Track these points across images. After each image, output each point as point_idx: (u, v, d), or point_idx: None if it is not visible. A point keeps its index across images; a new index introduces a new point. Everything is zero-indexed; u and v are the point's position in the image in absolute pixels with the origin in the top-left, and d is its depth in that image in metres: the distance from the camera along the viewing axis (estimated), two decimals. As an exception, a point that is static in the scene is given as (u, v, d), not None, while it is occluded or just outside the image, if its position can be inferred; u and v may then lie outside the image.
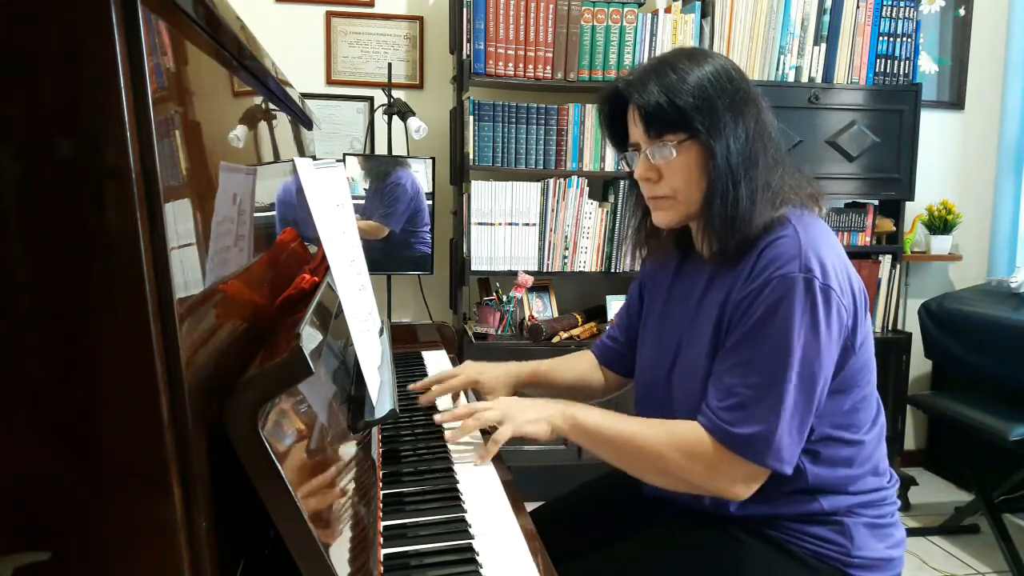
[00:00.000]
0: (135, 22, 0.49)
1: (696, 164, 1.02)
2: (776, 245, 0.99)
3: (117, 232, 0.49)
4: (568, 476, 1.14)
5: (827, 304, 0.95)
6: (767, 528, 1.06)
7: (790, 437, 0.96)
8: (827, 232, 1.03)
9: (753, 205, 1.00)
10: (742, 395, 0.97)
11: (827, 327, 0.96)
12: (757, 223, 1.00)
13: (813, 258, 0.96)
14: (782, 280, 0.96)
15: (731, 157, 0.99)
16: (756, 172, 1.00)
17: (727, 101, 1.00)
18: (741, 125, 1.00)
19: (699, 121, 0.99)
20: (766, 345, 0.96)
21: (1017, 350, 2.28)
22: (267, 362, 0.62)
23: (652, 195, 1.08)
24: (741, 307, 1.00)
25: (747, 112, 1.02)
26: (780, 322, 0.95)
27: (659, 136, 1.02)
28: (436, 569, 0.81)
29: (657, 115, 1.01)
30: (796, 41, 2.72)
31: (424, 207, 2.58)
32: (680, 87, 1.00)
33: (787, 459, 0.97)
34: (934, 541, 2.56)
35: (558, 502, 1.34)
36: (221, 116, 0.76)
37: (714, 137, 0.99)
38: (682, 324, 1.13)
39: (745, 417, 0.96)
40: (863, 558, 1.04)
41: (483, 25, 2.54)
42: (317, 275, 1.00)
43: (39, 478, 0.51)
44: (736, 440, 0.97)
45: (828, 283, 0.95)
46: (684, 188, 1.04)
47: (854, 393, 1.04)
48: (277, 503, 0.59)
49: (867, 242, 2.86)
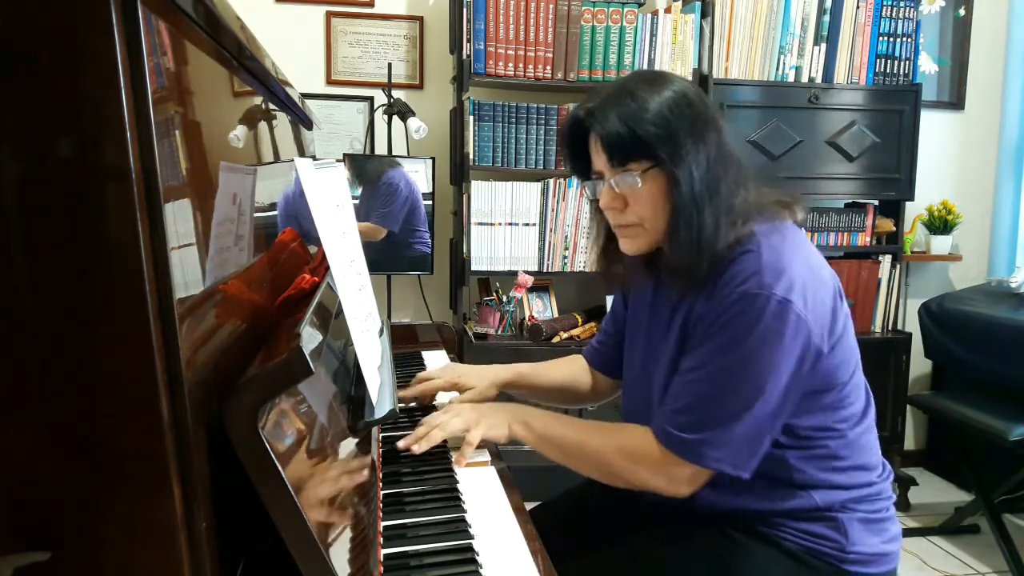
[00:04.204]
0: (135, 22, 0.49)
1: (660, 191, 1.02)
2: (738, 262, 1.00)
3: (117, 232, 0.49)
4: (568, 476, 1.14)
5: (783, 319, 0.96)
6: (762, 526, 1.07)
7: (739, 445, 0.98)
8: (795, 242, 1.03)
9: (717, 230, 1.00)
10: (689, 402, 1.01)
11: (780, 341, 0.96)
12: (721, 244, 1.01)
13: (772, 272, 0.97)
14: (741, 297, 0.97)
15: (694, 184, 1.00)
16: (719, 197, 1.01)
17: (687, 127, 1.00)
18: (703, 150, 1.01)
19: (661, 149, 0.99)
20: (719, 358, 0.99)
21: (1017, 350, 2.28)
22: (267, 362, 0.62)
23: (619, 223, 1.08)
24: (702, 322, 1.02)
25: (708, 137, 1.02)
26: (735, 337, 0.97)
27: (622, 165, 1.03)
28: (436, 569, 0.81)
29: (619, 145, 1.01)
30: (796, 41, 2.72)
31: (421, 205, 2.58)
32: (640, 115, 0.99)
33: (736, 464, 0.99)
34: (934, 541, 2.56)
35: (558, 502, 1.34)
36: (221, 116, 0.76)
37: (677, 164, 0.99)
38: (658, 339, 1.15)
39: (692, 423, 1.00)
40: (858, 553, 1.05)
41: (483, 25, 2.54)
42: (317, 275, 1.00)
43: (39, 478, 0.51)
44: (680, 443, 1.00)
45: (788, 297, 0.96)
46: (651, 216, 1.04)
47: (835, 390, 1.05)
48: (277, 503, 0.59)
49: (867, 242, 2.86)
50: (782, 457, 1.04)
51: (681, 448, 1.00)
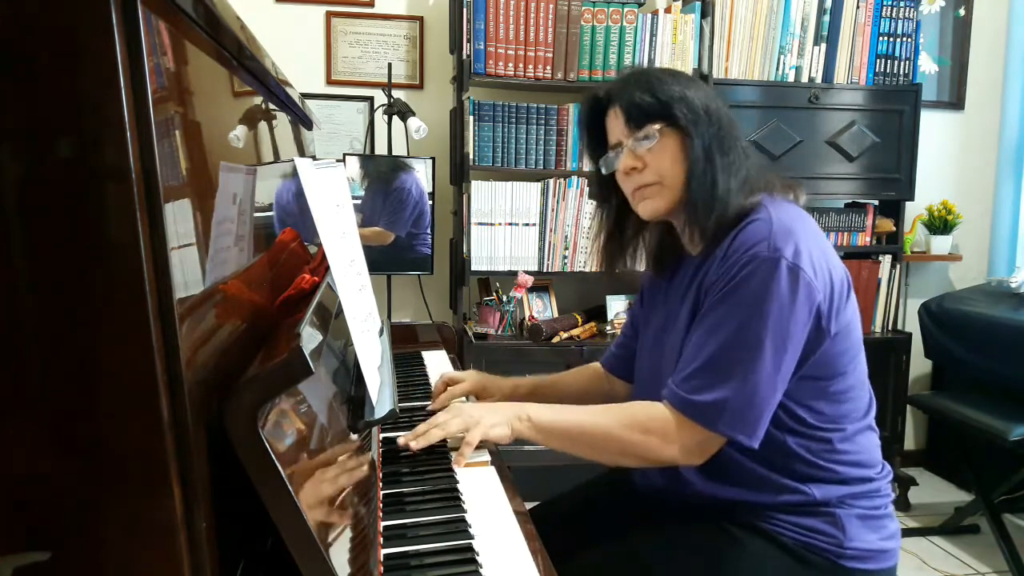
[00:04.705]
0: (135, 22, 0.49)
1: (677, 148, 1.09)
2: (748, 228, 1.03)
3: (117, 232, 0.49)
4: (568, 476, 1.14)
5: (794, 283, 0.98)
6: (760, 520, 1.07)
7: (750, 408, 0.99)
8: (802, 216, 1.07)
9: (729, 186, 1.06)
10: (701, 365, 1.01)
11: (791, 304, 0.98)
12: (733, 204, 1.06)
13: (782, 238, 1.00)
14: (751, 260, 1.00)
15: (709, 142, 1.07)
16: (730, 158, 1.08)
17: (697, 93, 1.10)
18: (713, 115, 1.09)
19: (676, 108, 1.07)
20: (729, 319, 1.00)
21: (1017, 350, 2.28)
22: (267, 362, 0.62)
23: (639, 184, 1.12)
24: (712, 288, 1.04)
25: (714, 104, 1.11)
26: (745, 297, 0.99)
27: (640, 127, 1.09)
28: (436, 569, 0.81)
29: (639, 106, 1.09)
30: (796, 41, 2.72)
31: (427, 209, 2.58)
32: (659, 84, 1.10)
33: (748, 430, 0.99)
34: (934, 541, 2.56)
35: (558, 502, 1.34)
36: (221, 116, 0.76)
37: (691, 123, 1.07)
38: (674, 324, 1.15)
39: (703, 386, 1.00)
40: (856, 549, 1.05)
41: (483, 25, 2.54)
42: (317, 275, 1.00)
43: (39, 478, 0.51)
44: (692, 406, 1.00)
45: (797, 263, 0.98)
46: (670, 171, 1.09)
47: (837, 380, 1.05)
48: (277, 503, 0.59)
49: (867, 242, 2.86)
50: (783, 441, 1.05)
51: (693, 411, 1.00)
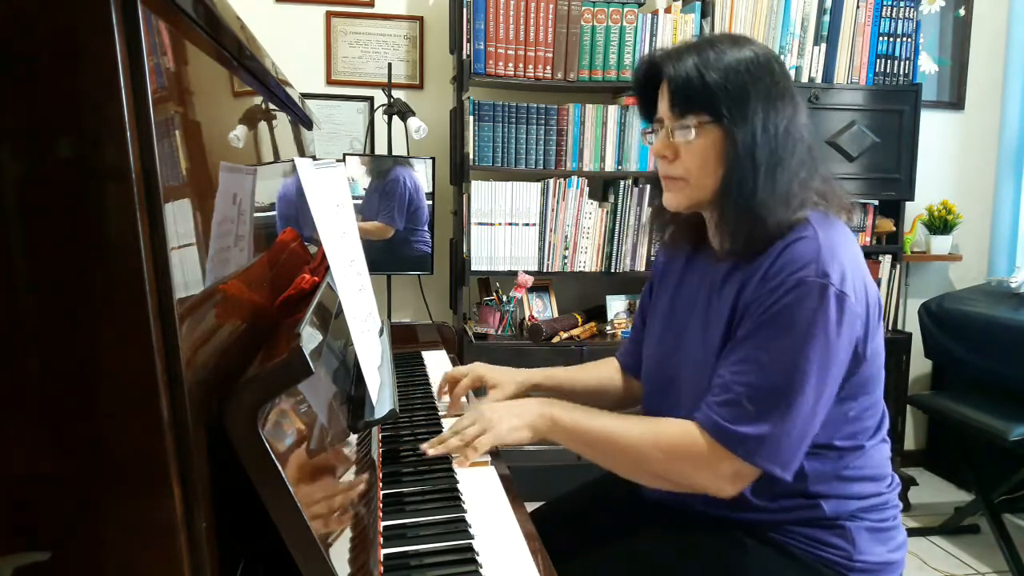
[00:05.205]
0: (135, 22, 0.49)
1: (714, 150, 1.00)
2: (794, 247, 0.97)
3: (117, 232, 0.49)
4: (568, 476, 1.14)
5: (840, 311, 0.94)
6: (769, 531, 1.06)
7: (789, 442, 0.95)
8: (848, 238, 1.02)
9: (769, 202, 0.98)
10: (744, 393, 0.96)
11: (838, 335, 0.94)
12: (771, 221, 0.98)
13: (831, 263, 0.94)
14: (798, 284, 0.94)
15: (754, 149, 0.97)
16: (778, 171, 0.98)
17: (761, 91, 0.98)
18: (772, 119, 0.98)
19: (724, 104, 0.97)
20: (774, 347, 0.95)
21: (1017, 350, 2.28)
22: (267, 362, 0.62)
23: (665, 174, 1.07)
24: (753, 306, 0.98)
25: (781, 108, 0.99)
26: (791, 326, 0.94)
27: (682, 115, 1.01)
28: (436, 569, 0.81)
29: (684, 90, 1.00)
30: (796, 41, 2.72)
31: (423, 205, 2.58)
32: (714, 64, 0.98)
33: (785, 463, 0.96)
34: (934, 541, 2.56)
35: (558, 502, 1.34)
36: (221, 116, 0.76)
37: (737, 124, 0.97)
38: (689, 318, 1.12)
39: (744, 415, 0.95)
40: (865, 562, 1.04)
41: (483, 25, 2.54)
42: (317, 275, 1.00)
43: (39, 478, 0.51)
44: (731, 437, 0.96)
45: (844, 289, 0.94)
46: (696, 172, 1.02)
47: (861, 400, 1.04)
48: (277, 503, 0.59)
49: (867, 242, 2.86)
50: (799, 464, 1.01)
51: (731, 440, 0.96)
